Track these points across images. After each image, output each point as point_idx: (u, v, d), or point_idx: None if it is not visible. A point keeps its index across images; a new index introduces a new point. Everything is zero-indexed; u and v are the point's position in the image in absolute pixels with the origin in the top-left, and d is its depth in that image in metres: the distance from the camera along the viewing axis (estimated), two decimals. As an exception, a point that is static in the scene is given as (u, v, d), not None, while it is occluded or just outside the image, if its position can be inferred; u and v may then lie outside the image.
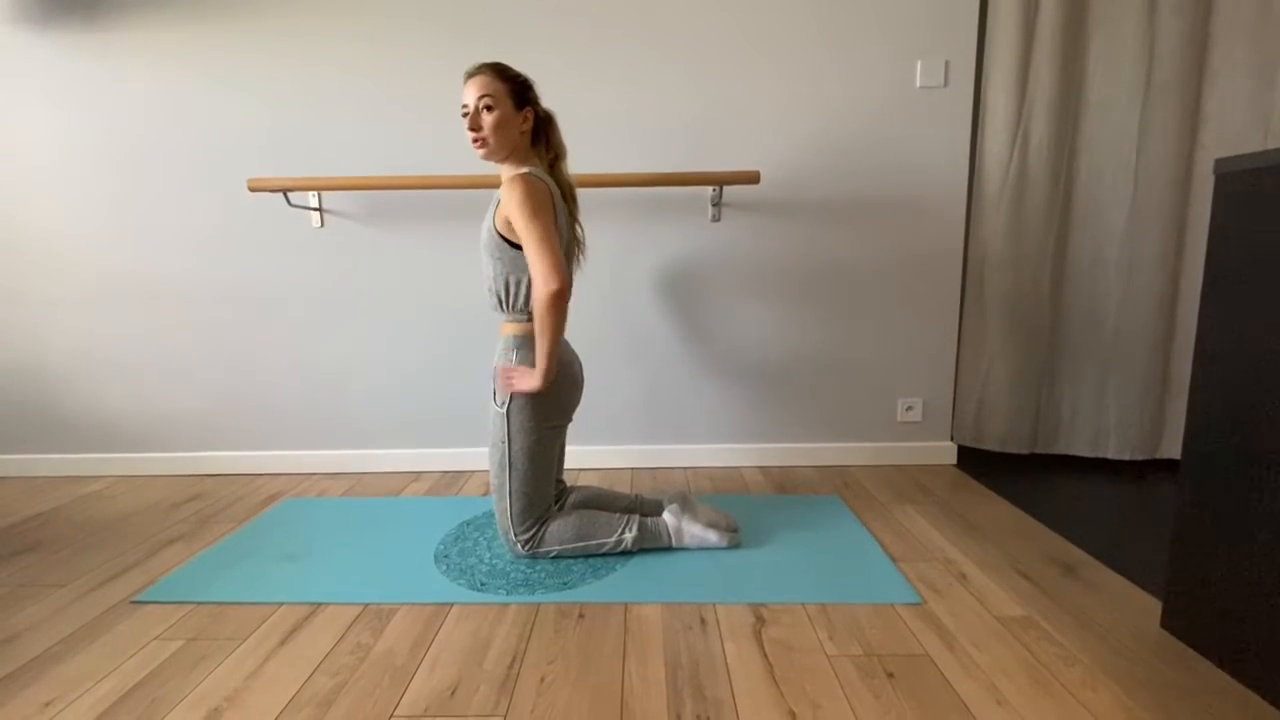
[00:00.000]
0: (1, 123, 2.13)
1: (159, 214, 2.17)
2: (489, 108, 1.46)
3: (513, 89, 1.49)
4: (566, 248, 1.57)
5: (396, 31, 2.07)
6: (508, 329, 1.57)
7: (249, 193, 2.09)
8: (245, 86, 2.10)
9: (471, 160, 2.08)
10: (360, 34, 2.07)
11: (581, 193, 2.05)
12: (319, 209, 2.17)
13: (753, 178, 2.02)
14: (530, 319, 1.54)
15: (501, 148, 1.50)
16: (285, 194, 2.10)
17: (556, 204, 1.52)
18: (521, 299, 1.53)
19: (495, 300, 1.56)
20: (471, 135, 1.48)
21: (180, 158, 2.14)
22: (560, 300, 1.42)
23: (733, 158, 2.11)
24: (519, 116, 1.50)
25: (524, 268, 1.49)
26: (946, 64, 2.08)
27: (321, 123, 2.12)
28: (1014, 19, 2.02)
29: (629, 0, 2.05)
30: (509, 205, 1.43)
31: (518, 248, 1.48)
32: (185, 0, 2.05)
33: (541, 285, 1.41)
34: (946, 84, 2.09)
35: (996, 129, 2.09)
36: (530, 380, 1.49)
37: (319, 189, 2.08)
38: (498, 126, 1.47)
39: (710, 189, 2.13)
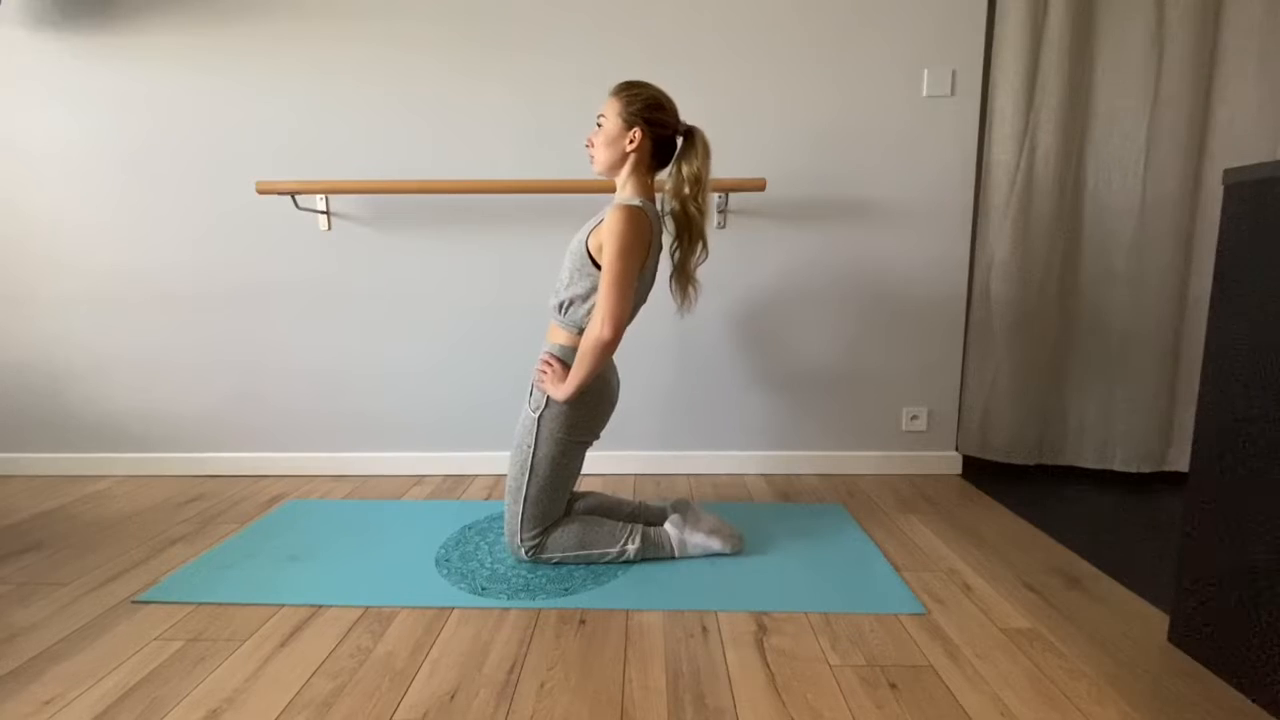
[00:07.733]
0: (15, 124, 2.14)
1: (167, 215, 2.19)
2: (600, 124, 1.54)
3: (623, 106, 1.50)
4: (646, 286, 1.57)
5: (406, 36, 2.08)
6: (558, 335, 1.58)
7: (257, 195, 2.10)
8: (255, 89, 2.12)
9: (479, 165, 2.11)
10: (370, 38, 2.08)
11: (584, 200, 2.07)
12: (327, 212, 2.17)
13: (759, 185, 2.02)
14: (581, 335, 1.53)
15: (602, 162, 1.54)
16: (293, 196, 2.11)
17: (655, 242, 1.52)
18: (580, 316, 1.53)
19: (557, 304, 1.57)
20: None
21: (189, 160, 2.15)
22: (607, 349, 1.45)
23: (739, 165, 2.11)
24: (624, 135, 1.51)
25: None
26: (953, 73, 2.08)
27: (330, 126, 2.13)
28: (1021, 28, 2.02)
29: (634, 7, 2.06)
30: (605, 232, 1.43)
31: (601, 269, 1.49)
32: (195, 4, 2.07)
33: (596, 327, 1.43)
34: (953, 93, 2.09)
35: (1004, 138, 2.09)
36: (556, 390, 1.51)
37: (327, 192, 2.10)
38: (602, 142, 1.53)
39: (716, 196, 2.13)
